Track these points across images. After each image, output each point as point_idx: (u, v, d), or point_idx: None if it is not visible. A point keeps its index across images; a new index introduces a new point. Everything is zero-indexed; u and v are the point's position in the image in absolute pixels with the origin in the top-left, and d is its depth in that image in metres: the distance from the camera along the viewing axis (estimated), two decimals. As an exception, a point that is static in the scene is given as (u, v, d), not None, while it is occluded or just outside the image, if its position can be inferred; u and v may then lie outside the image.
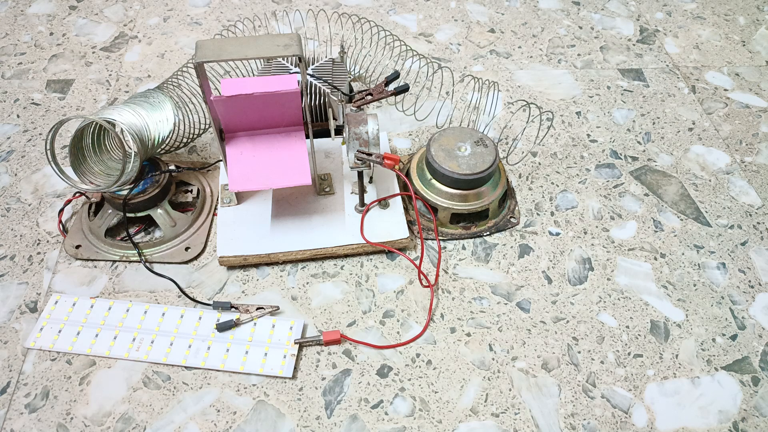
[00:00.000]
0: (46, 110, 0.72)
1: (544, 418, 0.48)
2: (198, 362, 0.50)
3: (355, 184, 0.60)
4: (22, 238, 0.59)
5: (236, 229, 0.57)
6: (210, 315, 0.53)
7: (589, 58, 0.82)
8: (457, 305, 0.55)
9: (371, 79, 0.73)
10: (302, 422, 0.47)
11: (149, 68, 0.78)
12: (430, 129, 0.71)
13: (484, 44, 0.84)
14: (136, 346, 0.51)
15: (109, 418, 0.47)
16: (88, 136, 0.56)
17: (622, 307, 0.55)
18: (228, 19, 0.85)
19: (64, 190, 0.63)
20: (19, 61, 0.78)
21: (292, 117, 0.54)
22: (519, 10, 0.89)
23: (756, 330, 0.54)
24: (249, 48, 0.47)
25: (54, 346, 0.50)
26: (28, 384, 0.49)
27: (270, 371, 0.49)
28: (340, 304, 0.55)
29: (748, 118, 0.75)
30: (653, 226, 0.62)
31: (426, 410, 0.48)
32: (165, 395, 0.48)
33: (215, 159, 0.66)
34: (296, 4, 0.88)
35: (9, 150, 0.67)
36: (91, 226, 0.58)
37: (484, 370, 0.51)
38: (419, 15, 0.88)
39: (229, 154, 0.54)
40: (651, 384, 0.50)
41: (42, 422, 0.47)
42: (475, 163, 0.58)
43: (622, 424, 0.48)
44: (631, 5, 0.92)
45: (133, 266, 0.57)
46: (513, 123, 0.71)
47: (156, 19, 0.85)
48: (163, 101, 0.59)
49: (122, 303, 0.53)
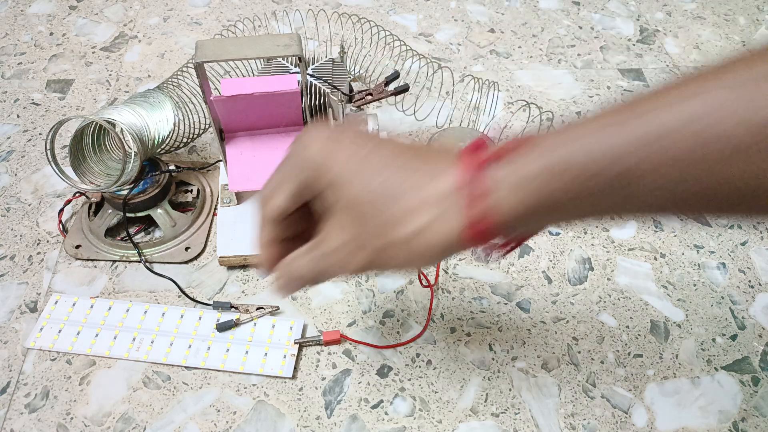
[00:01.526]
0: (46, 110, 0.72)
1: (544, 417, 0.48)
2: (198, 362, 0.50)
3: (355, 184, 0.60)
4: (22, 238, 0.59)
5: (236, 229, 0.57)
6: (210, 315, 0.53)
7: (589, 58, 0.82)
8: (457, 305, 0.55)
9: (371, 79, 0.73)
10: (302, 422, 0.47)
11: (149, 68, 0.78)
12: (430, 129, 0.71)
13: (484, 44, 0.84)
14: (136, 346, 0.51)
15: (109, 418, 0.47)
16: (88, 136, 0.56)
17: (622, 307, 0.55)
18: (228, 19, 0.85)
19: (64, 190, 0.63)
20: (19, 61, 0.78)
21: (292, 117, 0.54)
22: (519, 10, 0.89)
23: (756, 330, 0.54)
24: (249, 48, 0.47)
25: (54, 346, 0.50)
26: (28, 384, 0.49)
27: (270, 371, 0.49)
28: (340, 304, 0.55)
29: (748, 118, 0.75)
30: (653, 226, 0.62)
31: (426, 410, 0.48)
32: (165, 395, 0.49)
33: (215, 159, 0.66)
34: (296, 4, 0.88)
35: (9, 150, 0.67)
36: (91, 226, 0.58)
37: (484, 370, 0.51)
38: (419, 15, 0.88)
39: (229, 154, 0.54)
40: (651, 384, 0.50)
41: (42, 422, 0.47)
42: (475, 163, 0.58)
43: (622, 424, 0.48)
44: (631, 5, 0.92)
45: (133, 266, 0.57)
46: (513, 123, 0.71)
47: (156, 19, 0.85)
48: (163, 101, 0.59)
49: (122, 303, 0.53)
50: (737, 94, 0.23)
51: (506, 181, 0.26)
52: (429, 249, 0.27)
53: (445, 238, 0.27)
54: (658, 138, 0.24)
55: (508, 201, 0.26)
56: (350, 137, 0.30)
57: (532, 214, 0.26)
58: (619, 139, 0.25)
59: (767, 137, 0.22)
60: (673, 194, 0.25)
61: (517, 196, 0.26)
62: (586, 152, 0.25)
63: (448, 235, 0.27)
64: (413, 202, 0.27)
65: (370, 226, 0.28)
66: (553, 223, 0.29)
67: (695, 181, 0.24)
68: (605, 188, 0.25)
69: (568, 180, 0.25)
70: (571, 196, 0.26)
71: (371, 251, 0.29)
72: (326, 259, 0.31)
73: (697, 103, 0.24)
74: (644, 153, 0.24)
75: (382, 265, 0.29)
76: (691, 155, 0.24)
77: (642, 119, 0.25)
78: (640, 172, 0.24)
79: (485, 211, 0.26)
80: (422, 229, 0.27)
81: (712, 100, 0.23)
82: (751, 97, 0.23)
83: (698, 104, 0.24)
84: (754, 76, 0.23)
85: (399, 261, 0.28)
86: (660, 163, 0.24)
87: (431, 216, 0.27)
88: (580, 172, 0.25)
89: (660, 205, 0.26)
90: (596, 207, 0.26)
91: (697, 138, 0.23)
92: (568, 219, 0.28)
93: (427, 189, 0.27)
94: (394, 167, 0.28)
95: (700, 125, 0.23)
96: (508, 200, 0.26)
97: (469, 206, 0.26)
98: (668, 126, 0.24)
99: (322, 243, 0.31)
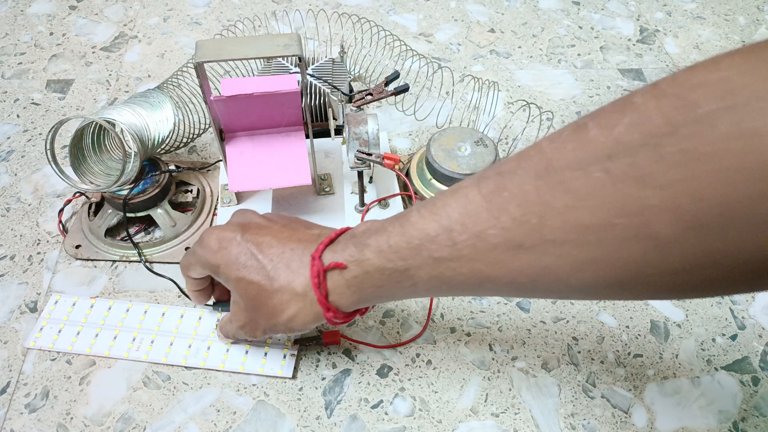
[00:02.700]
0: (46, 110, 0.72)
1: (544, 417, 0.48)
2: (198, 362, 0.50)
3: (355, 184, 0.60)
4: (22, 238, 0.59)
5: (236, 229, 0.57)
6: (210, 315, 0.53)
7: (589, 58, 0.82)
8: (457, 305, 0.55)
9: (371, 79, 0.73)
10: (302, 422, 0.47)
11: (149, 68, 0.78)
12: (430, 129, 0.71)
13: (484, 44, 0.84)
14: (136, 346, 0.51)
15: (109, 418, 0.47)
16: (88, 136, 0.56)
17: (622, 306, 0.55)
18: (228, 19, 0.85)
19: (64, 190, 0.63)
20: (19, 61, 0.78)
21: (292, 117, 0.54)
22: (519, 10, 0.89)
23: (756, 330, 0.54)
24: (249, 48, 0.47)
25: (54, 346, 0.50)
26: (28, 384, 0.49)
27: (270, 371, 0.49)
28: (340, 304, 0.55)
29: (748, 118, 0.75)
30: (653, 226, 0.62)
31: (426, 410, 0.48)
32: (165, 395, 0.49)
33: (215, 159, 0.66)
34: (296, 4, 0.88)
35: (9, 150, 0.67)
36: (91, 226, 0.58)
37: (484, 370, 0.51)
38: (419, 15, 0.88)
39: (229, 154, 0.54)
40: (651, 384, 0.50)
41: (42, 422, 0.47)
42: (475, 163, 0.58)
43: (622, 424, 0.48)
44: (631, 5, 0.92)
45: (133, 266, 0.57)
46: (513, 123, 0.71)
47: (156, 19, 0.85)
48: (163, 101, 0.59)
49: (122, 303, 0.53)
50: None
51: (338, 284, 0.37)
52: (302, 325, 0.39)
53: (311, 319, 0.39)
54: (420, 246, 0.33)
55: (343, 298, 0.37)
56: (237, 240, 0.40)
57: (363, 301, 0.38)
58: (402, 244, 0.34)
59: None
60: (449, 284, 0.33)
61: (348, 293, 0.37)
62: (383, 258, 0.34)
63: (312, 317, 0.39)
64: (285, 296, 0.38)
65: (259, 314, 0.40)
66: (384, 301, 0.43)
67: (454, 274, 0.32)
68: (403, 280, 0.34)
69: (377, 278, 0.35)
70: (384, 286, 0.35)
71: (266, 327, 0.41)
72: (239, 330, 0.44)
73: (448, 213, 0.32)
74: (415, 256, 0.33)
75: (276, 332, 0.42)
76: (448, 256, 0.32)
77: (413, 227, 0.33)
78: (415, 270, 0.34)
79: (330, 305, 0.37)
80: (294, 315, 0.39)
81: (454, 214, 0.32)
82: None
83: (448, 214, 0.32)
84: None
85: (285, 330, 0.40)
86: (424, 263, 0.33)
87: (297, 307, 0.38)
88: (382, 273, 0.35)
89: (444, 291, 0.35)
90: (407, 292, 0.36)
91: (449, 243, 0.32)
92: (393, 299, 0.39)
93: (292, 286, 0.38)
94: (269, 265, 0.39)
95: (449, 234, 0.32)
96: (343, 298, 0.37)
97: (320, 302, 0.37)
98: (430, 234, 0.32)
99: (233, 318, 0.44)
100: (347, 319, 0.39)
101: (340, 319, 0.39)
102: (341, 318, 0.39)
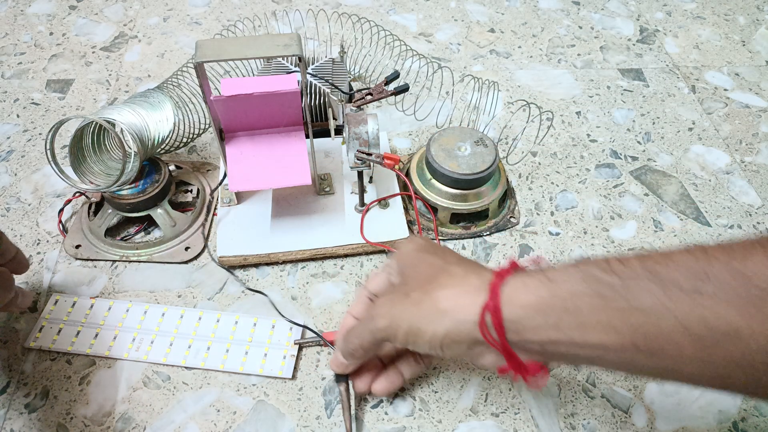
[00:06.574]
0: (46, 110, 0.72)
1: (544, 417, 0.48)
2: (198, 362, 0.50)
3: (355, 184, 0.60)
4: (22, 238, 0.59)
5: (236, 229, 0.57)
6: (210, 315, 0.53)
7: (589, 58, 0.82)
8: (457, 305, 0.55)
9: (371, 79, 0.73)
10: (302, 422, 0.47)
11: (149, 68, 0.78)
12: (430, 129, 0.71)
13: (484, 44, 0.84)
14: (135, 346, 0.51)
15: (109, 417, 0.47)
16: (88, 136, 0.56)
17: (622, 307, 0.55)
18: (228, 19, 0.85)
19: (64, 190, 0.63)
20: (19, 60, 0.78)
21: (292, 117, 0.54)
22: (519, 10, 0.89)
23: (756, 330, 0.54)
24: (249, 48, 0.47)
25: (54, 345, 0.50)
26: (27, 384, 0.49)
27: (270, 372, 0.49)
28: (340, 304, 0.55)
29: (748, 118, 0.75)
30: (653, 226, 0.62)
31: (426, 410, 0.48)
32: (165, 395, 0.49)
33: (215, 159, 0.66)
34: (296, 4, 0.88)
35: (9, 150, 0.67)
36: (91, 226, 0.58)
37: (484, 369, 0.51)
38: (419, 15, 0.88)
39: (229, 154, 0.54)
40: (651, 384, 0.50)
41: (42, 422, 0.47)
42: (475, 163, 0.58)
43: (622, 424, 0.48)
44: (631, 5, 0.92)
45: (133, 266, 0.57)
46: (513, 123, 0.71)
47: (156, 19, 0.85)
48: (163, 101, 0.59)
49: (122, 303, 0.53)
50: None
51: (511, 291, 0.35)
52: (454, 318, 0.36)
53: (467, 311, 0.36)
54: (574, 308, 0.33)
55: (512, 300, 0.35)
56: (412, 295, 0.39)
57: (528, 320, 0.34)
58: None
59: None
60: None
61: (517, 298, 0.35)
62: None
63: (470, 307, 0.36)
64: (457, 279, 0.38)
65: (416, 285, 0.39)
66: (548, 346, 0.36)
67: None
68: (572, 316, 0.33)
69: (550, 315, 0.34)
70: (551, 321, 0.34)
71: (411, 306, 0.38)
72: (369, 333, 0.41)
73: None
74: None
75: (417, 318, 0.38)
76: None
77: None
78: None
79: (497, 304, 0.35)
80: (456, 295, 0.37)
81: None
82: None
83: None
84: None
85: (430, 316, 0.37)
86: None
87: (460, 298, 0.36)
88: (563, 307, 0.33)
89: None
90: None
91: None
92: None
93: (470, 277, 0.37)
94: (449, 258, 0.40)
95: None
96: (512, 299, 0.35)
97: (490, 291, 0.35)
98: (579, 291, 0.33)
99: (379, 303, 0.41)
100: (528, 372, 0.37)
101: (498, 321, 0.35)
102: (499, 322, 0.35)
